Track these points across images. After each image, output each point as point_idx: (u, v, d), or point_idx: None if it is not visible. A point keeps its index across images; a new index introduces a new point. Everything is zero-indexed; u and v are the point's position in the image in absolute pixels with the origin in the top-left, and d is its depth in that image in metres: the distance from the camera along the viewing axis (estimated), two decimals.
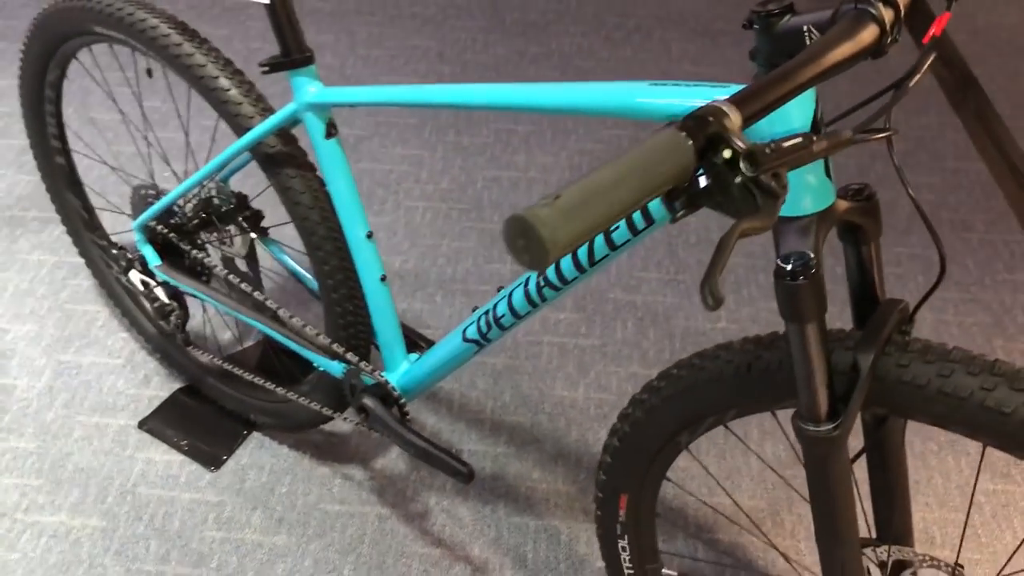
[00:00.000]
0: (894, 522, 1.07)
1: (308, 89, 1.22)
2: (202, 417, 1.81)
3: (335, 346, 1.40)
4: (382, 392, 1.39)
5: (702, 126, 0.58)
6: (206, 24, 2.96)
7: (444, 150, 2.52)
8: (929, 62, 0.73)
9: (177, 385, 1.88)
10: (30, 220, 2.26)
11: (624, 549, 1.26)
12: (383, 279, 1.36)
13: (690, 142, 0.58)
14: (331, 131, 1.25)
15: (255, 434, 1.80)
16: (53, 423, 1.81)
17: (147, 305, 1.84)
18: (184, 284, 1.57)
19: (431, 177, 2.43)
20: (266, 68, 1.22)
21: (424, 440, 1.36)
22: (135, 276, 1.64)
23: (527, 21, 3.06)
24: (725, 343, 1.02)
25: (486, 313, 1.21)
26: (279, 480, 1.72)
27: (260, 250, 1.61)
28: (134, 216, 1.63)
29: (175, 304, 1.63)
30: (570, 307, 2.07)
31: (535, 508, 1.69)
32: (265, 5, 1.18)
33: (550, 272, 1.09)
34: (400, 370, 1.42)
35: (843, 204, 0.87)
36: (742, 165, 0.58)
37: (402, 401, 1.39)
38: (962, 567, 1.07)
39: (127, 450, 1.76)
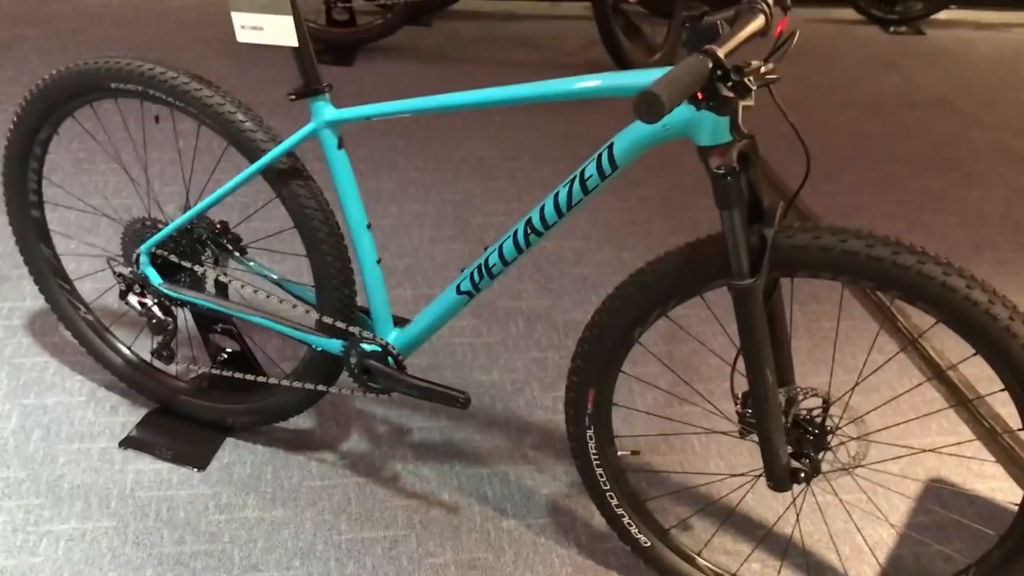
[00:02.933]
0: (782, 369, 1.56)
1: (325, 111, 1.60)
2: (178, 430, 2.04)
3: (338, 324, 1.74)
4: (384, 354, 1.74)
5: (711, 53, 1.07)
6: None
7: None
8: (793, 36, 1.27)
9: (144, 411, 2.10)
10: None
11: (591, 438, 1.68)
12: (378, 262, 1.73)
13: (708, 61, 1.06)
14: (341, 143, 1.63)
15: (230, 439, 2.05)
16: (36, 454, 1.98)
17: (113, 339, 2.08)
18: (187, 295, 1.84)
19: None
20: (293, 96, 1.59)
21: (426, 382, 1.72)
22: (133, 298, 1.89)
23: None
24: (667, 251, 1.49)
25: (478, 267, 1.62)
26: (262, 470, 1.99)
27: (238, 265, 1.92)
28: (124, 250, 1.89)
29: (171, 319, 1.90)
30: (469, 316, 2.49)
31: (484, 460, 2.06)
32: (293, 48, 1.55)
33: (535, 218, 1.52)
34: (391, 336, 1.78)
35: (739, 141, 1.37)
36: (733, 75, 1.07)
37: (401, 358, 1.75)
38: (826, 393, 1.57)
39: (115, 465, 1.97)
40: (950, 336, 1.35)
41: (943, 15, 5.08)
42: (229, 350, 2.02)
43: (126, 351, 2.08)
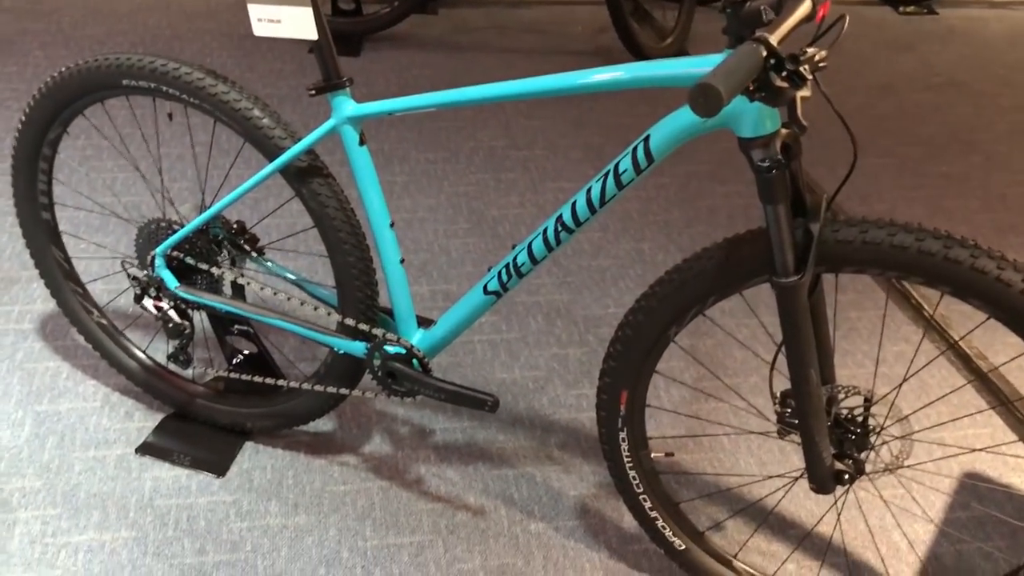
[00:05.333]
0: (823, 367, 1.50)
1: (346, 106, 1.54)
2: (196, 435, 1.99)
3: (361, 326, 1.69)
4: (409, 356, 1.69)
5: (764, 40, 1.01)
6: None
7: None
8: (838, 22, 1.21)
9: (160, 415, 2.05)
10: None
11: (624, 440, 1.63)
12: (402, 262, 1.67)
13: (762, 50, 1.00)
14: (363, 140, 1.58)
15: (249, 443, 2.00)
16: (51, 462, 1.93)
17: (127, 342, 2.03)
18: (204, 298, 1.79)
19: None
20: (312, 92, 1.53)
21: (453, 385, 1.67)
22: (148, 302, 1.83)
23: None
24: (705, 247, 1.43)
25: (506, 266, 1.56)
26: (283, 475, 1.94)
27: (255, 266, 1.86)
28: (139, 253, 1.84)
29: (187, 323, 1.84)
30: (488, 312, 2.42)
31: (509, 461, 2.01)
32: (312, 41, 1.49)
33: (566, 215, 1.46)
34: (415, 338, 1.72)
35: (782, 131, 1.31)
36: (787, 63, 1.01)
37: (426, 360, 1.70)
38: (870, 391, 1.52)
39: (132, 473, 1.92)
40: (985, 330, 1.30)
41: None
42: (246, 352, 1.97)
43: (141, 355, 2.03)
